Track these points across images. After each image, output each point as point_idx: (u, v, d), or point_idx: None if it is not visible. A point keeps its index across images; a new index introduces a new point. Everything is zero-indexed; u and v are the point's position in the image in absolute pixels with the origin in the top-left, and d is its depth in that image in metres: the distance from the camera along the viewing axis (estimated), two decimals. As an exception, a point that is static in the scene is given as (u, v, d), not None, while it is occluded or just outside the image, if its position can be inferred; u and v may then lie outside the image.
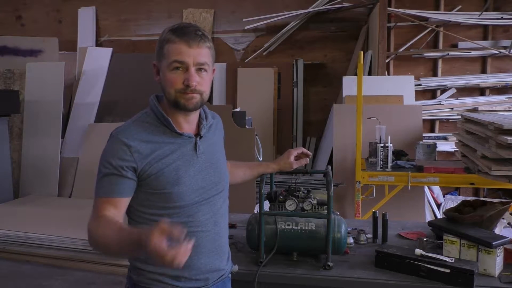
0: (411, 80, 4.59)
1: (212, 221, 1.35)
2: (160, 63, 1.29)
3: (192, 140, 1.33)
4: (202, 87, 1.28)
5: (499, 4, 4.85)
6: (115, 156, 1.23)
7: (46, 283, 3.15)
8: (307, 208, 1.71)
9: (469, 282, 1.47)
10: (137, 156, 1.23)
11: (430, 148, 3.64)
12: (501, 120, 2.72)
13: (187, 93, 1.26)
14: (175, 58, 1.25)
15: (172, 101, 1.28)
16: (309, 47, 5.37)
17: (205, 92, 1.30)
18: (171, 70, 1.26)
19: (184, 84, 1.25)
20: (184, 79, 1.25)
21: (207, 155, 1.36)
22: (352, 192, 3.90)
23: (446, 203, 4.55)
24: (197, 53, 1.25)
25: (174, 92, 1.26)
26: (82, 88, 5.31)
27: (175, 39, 1.25)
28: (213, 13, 5.54)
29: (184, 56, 1.24)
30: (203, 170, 1.34)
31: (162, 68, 1.28)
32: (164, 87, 1.29)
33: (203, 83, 1.28)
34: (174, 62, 1.25)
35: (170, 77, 1.26)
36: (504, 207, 1.81)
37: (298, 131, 5.24)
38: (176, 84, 1.26)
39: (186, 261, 1.25)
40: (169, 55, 1.26)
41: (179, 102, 1.27)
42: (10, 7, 6.13)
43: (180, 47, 1.24)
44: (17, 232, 3.59)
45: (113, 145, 1.25)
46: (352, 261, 1.71)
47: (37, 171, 4.82)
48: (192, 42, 1.25)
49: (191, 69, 1.25)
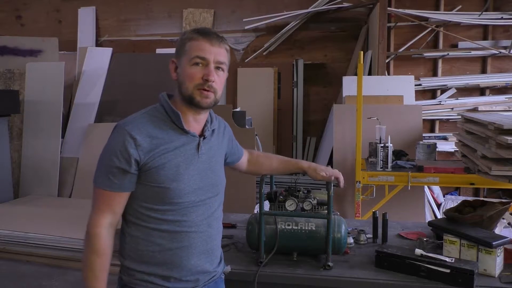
0: (411, 80, 4.59)
1: (205, 223, 1.36)
2: (180, 59, 1.33)
3: (196, 139, 1.35)
4: (217, 86, 1.32)
5: (499, 4, 4.85)
6: (120, 148, 1.25)
7: (46, 283, 3.15)
8: (307, 208, 1.71)
9: (469, 282, 1.47)
10: (141, 149, 1.25)
11: (430, 148, 3.64)
12: (501, 120, 2.72)
13: (204, 89, 1.29)
14: (197, 54, 1.29)
15: (187, 96, 1.30)
16: (309, 47, 5.37)
17: (219, 92, 1.33)
18: (191, 65, 1.29)
19: (203, 79, 1.29)
20: (203, 74, 1.29)
21: (207, 157, 1.38)
22: (352, 192, 3.90)
23: (446, 203, 4.55)
24: (217, 52, 1.31)
25: (192, 86, 1.29)
26: (82, 88, 5.31)
27: (198, 37, 1.31)
28: (213, 13, 5.54)
29: (206, 53, 1.29)
30: (202, 171, 1.35)
31: (182, 64, 1.32)
32: (182, 82, 1.31)
33: (218, 82, 1.32)
34: (195, 58, 1.29)
35: (190, 72, 1.29)
36: (504, 207, 1.81)
37: (298, 131, 5.24)
38: (195, 78, 1.29)
39: (176, 261, 1.30)
40: (191, 51, 1.30)
41: (195, 98, 1.30)
42: (10, 7, 6.13)
43: (203, 44, 1.30)
44: (17, 232, 3.59)
45: (118, 137, 1.26)
46: (352, 261, 1.71)
47: (37, 171, 4.82)
48: (214, 41, 1.31)
49: (211, 65, 1.30)
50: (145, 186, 1.28)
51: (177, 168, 1.29)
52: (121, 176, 1.25)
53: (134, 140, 1.24)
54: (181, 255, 1.32)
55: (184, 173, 1.30)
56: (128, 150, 1.24)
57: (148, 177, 1.27)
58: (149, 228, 1.30)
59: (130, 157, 1.24)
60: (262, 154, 1.80)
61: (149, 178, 1.27)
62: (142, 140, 1.25)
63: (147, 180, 1.28)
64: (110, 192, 1.26)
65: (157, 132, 1.29)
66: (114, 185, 1.26)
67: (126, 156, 1.24)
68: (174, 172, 1.29)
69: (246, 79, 5.20)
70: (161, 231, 1.30)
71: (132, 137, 1.25)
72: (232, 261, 1.70)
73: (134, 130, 1.26)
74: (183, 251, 1.32)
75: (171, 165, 1.28)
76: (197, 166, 1.34)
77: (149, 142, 1.26)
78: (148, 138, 1.27)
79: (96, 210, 1.28)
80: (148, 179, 1.28)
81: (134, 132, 1.25)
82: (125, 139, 1.25)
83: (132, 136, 1.25)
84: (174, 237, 1.31)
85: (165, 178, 1.27)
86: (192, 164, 1.33)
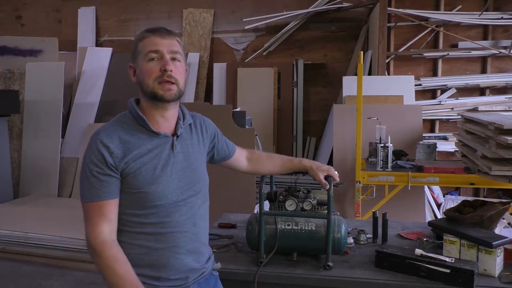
0: (411, 80, 4.59)
1: (190, 222, 1.36)
2: (136, 61, 1.34)
3: (169, 139, 1.34)
4: (177, 76, 1.31)
5: (499, 4, 4.85)
6: (96, 157, 1.25)
7: (46, 283, 3.16)
8: (307, 208, 1.71)
9: (469, 282, 1.46)
10: (115, 156, 1.25)
11: (430, 148, 3.64)
12: (501, 120, 2.72)
13: (164, 81, 1.29)
14: (150, 49, 1.30)
15: (149, 93, 1.30)
16: (309, 47, 5.37)
17: (180, 82, 1.33)
18: (147, 62, 1.30)
19: (160, 70, 1.29)
20: (160, 66, 1.29)
21: (185, 155, 1.37)
22: (352, 192, 3.90)
23: (446, 203, 4.55)
24: (169, 43, 1.32)
25: (152, 82, 1.29)
26: (82, 88, 5.31)
27: (147, 34, 1.33)
28: (213, 13, 5.54)
29: (158, 45, 1.30)
30: (180, 170, 1.35)
31: (139, 64, 1.32)
32: (142, 81, 1.31)
33: (178, 72, 1.31)
34: (149, 53, 1.30)
35: (146, 68, 1.30)
36: (504, 207, 1.81)
37: (298, 131, 5.24)
38: (153, 72, 1.29)
39: (163, 261, 1.30)
40: (144, 49, 1.31)
41: (157, 93, 1.29)
42: (10, 7, 6.13)
43: (153, 39, 1.31)
44: (17, 232, 3.59)
45: (92, 146, 1.27)
46: (352, 261, 1.71)
47: (37, 171, 4.82)
48: (163, 34, 1.33)
49: (165, 56, 1.30)
50: (126, 193, 1.28)
51: (154, 171, 1.29)
52: (106, 183, 1.25)
53: (107, 148, 1.25)
54: (167, 255, 1.32)
55: (161, 175, 1.30)
56: (105, 157, 1.24)
57: (127, 184, 1.27)
58: (134, 233, 1.30)
59: (107, 163, 1.24)
60: (264, 153, 1.78)
61: (127, 185, 1.27)
62: (114, 147, 1.26)
63: (126, 187, 1.28)
64: (100, 202, 1.25)
65: (128, 138, 1.29)
66: (101, 193, 1.25)
67: (104, 162, 1.24)
68: (151, 175, 1.28)
69: (246, 79, 5.20)
70: (146, 234, 1.30)
71: (104, 145, 1.25)
72: (232, 261, 1.70)
73: (105, 138, 1.26)
74: (169, 251, 1.32)
75: (147, 168, 1.28)
76: (174, 166, 1.33)
77: (121, 148, 1.27)
78: (120, 144, 1.27)
79: (91, 224, 1.25)
80: (127, 186, 1.28)
81: (106, 140, 1.26)
82: (99, 148, 1.25)
83: (105, 144, 1.25)
84: (159, 238, 1.31)
85: (143, 183, 1.27)
86: (169, 164, 1.32)
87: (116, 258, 1.23)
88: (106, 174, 1.25)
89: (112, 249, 1.24)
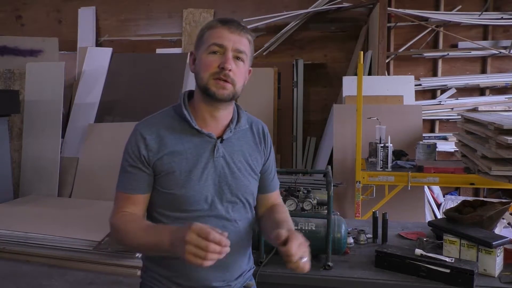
0: (411, 80, 4.59)
1: None
2: (198, 50, 1.24)
3: (212, 141, 1.24)
4: (236, 77, 1.21)
5: (499, 4, 4.85)
6: (132, 148, 1.22)
7: (46, 283, 3.15)
8: (307, 208, 1.71)
9: (469, 282, 1.47)
10: (150, 149, 1.20)
11: (430, 148, 3.64)
12: (501, 120, 2.72)
13: (220, 78, 1.18)
14: (214, 41, 1.20)
15: (202, 87, 1.21)
16: (309, 47, 5.37)
17: (238, 84, 1.22)
18: (208, 54, 1.20)
19: (219, 67, 1.18)
20: (220, 62, 1.18)
21: (227, 161, 1.25)
22: (352, 192, 3.90)
23: (446, 203, 4.55)
24: (237, 39, 1.21)
25: (207, 76, 1.20)
26: (82, 88, 5.31)
27: (217, 25, 1.22)
28: (213, 13, 5.54)
29: (224, 40, 1.19)
30: (217, 177, 1.24)
31: (199, 53, 1.23)
32: (198, 72, 1.22)
33: (237, 73, 1.21)
34: (212, 45, 1.19)
35: (205, 60, 1.20)
36: (504, 207, 1.81)
37: (298, 131, 5.24)
38: (211, 67, 1.19)
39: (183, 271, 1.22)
40: (208, 39, 1.21)
41: (210, 89, 1.19)
42: (10, 7, 6.13)
43: (221, 31, 1.20)
44: (17, 232, 3.59)
45: (131, 137, 1.24)
46: (352, 261, 1.71)
47: (37, 171, 4.82)
48: (233, 28, 1.21)
49: (228, 53, 1.19)
50: (157, 191, 1.23)
51: (188, 174, 1.20)
52: (135, 177, 1.22)
53: (144, 140, 1.21)
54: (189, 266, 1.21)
55: (194, 179, 1.21)
56: (139, 148, 1.21)
57: (158, 182, 1.22)
58: None
59: (140, 156, 1.20)
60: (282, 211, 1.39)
61: (159, 183, 1.22)
62: (151, 140, 1.21)
63: (157, 184, 1.23)
64: (127, 195, 1.23)
65: (167, 133, 1.22)
66: (128, 186, 1.23)
67: (137, 154, 1.21)
68: (184, 177, 1.20)
69: (246, 79, 5.20)
70: None
71: (142, 136, 1.21)
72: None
73: (144, 129, 1.22)
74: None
75: (181, 169, 1.20)
76: (212, 171, 1.23)
77: (158, 142, 1.21)
78: (157, 138, 1.21)
79: (116, 207, 1.25)
80: (158, 184, 1.22)
81: (144, 131, 1.22)
82: (136, 138, 1.22)
83: (142, 136, 1.21)
84: None
85: (174, 184, 1.20)
86: (206, 169, 1.22)
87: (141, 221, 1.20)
88: (137, 168, 1.21)
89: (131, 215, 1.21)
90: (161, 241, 1.10)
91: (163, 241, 1.09)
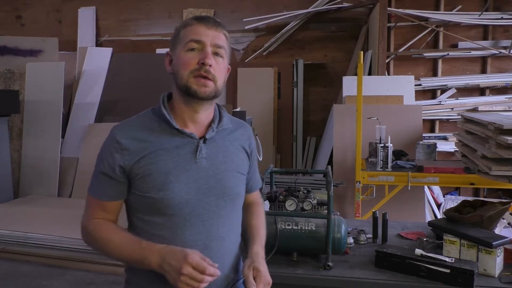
0: (411, 80, 4.59)
1: (201, 244, 1.15)
2: (175, 49, 1.19)
3: (194, 141, 1.18)
4: (217, 73, 1.16)
5: (499, 4, 4.86)
6: (106, 156, 1.16)
7: (46, 283, 3.15)
8: (307, 208, 1.71)
9: (469, 282, 1.46)
10: (126, 154, 1.13)
11: (430, 148, 3.64)
12: (501, 120, 2.72)
13: (201, 75, 1.14)
14: (192, 37, 1.15)
15: (182, 86, 1.15)
16: (309, 47, 5.37)
17: (219, 80, 1.17)
18: (186, 51, 1.16)
19: (199, 63, 1.14)
20: (199, 58, 1.14)
21: (211, 162, 1.19)
22: (352, 192, 3.90)
23: (446, 203, 4.55)
24: (215, 35, 1.17)
25: (187, 74, 1.14)
26: (82, 88, 5.31)
27: (193, 22, 1.18)
28: (213, 13, 5.54)
29: (202, 35, 1.15)
30: (200, 179, 1.17)
31: (177, 52, 1.18)
32: (177, 71, 1.17)
33: (218, 69, 1.16)
34: (190, 42, 1.15)
35: (184, 58, 1.15)
36: (504, 207, 1.81)
37: (298, 131, 5.25)
38: (190, 64, 1.14)
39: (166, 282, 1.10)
40: (185, 37, 1.16)
41: (191, 87, 1.14)
42: (10, 7, 6.14)
43: (198, 28, 1.17)
44: (17, 232, 3.59)
45: (106, 141, 1.18)
46: (352, 261, 1.71)
47: (37, 171, 4.82)
48: (211, 25, 1.17)
49: (207, 48, 1.15)
50: (134, 195, 1.16)
51: (166, 175, 1.13)
52: (106, 183, 1.16)
53: (119, 144, 1.14)
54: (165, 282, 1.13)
55: (175, 181, 1.13)
56: (113, 154, 1.14)
57: (135, 186, 1.15)
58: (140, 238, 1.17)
59: (114, 163, 1.14)
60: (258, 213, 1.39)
61: (136, 187, 1.15)
62: (127, 144, 1.14)
63: (134, 188, 1.16)
64: (99, 201, 1.18)
65: (146, 135, 1.16)
66: (99, 192, 1.18)
67: (111, 161, 1.14)
68: (163, 179, 1.13)
69: (246, 79, 5.21)
70: None
71: (117, 141, 1.14)
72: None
73: (120, 133, 1.16)
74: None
75: (160, 171, 1.13)
76: (194, 173, 1.16)
77: (135, 145, 1.14)
78: (135, 141, 1.14)
79: (88, 212, 1.21)
80: (135, 188, 1.15)
81: (119, 136, 1.15)
82: (111, 144, 1.15)
83: (117, 140, 1.14)
84: None
85: (152, 187, 1.13)
86: (186, 170, 1.15)
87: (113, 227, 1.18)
88: (109, 176, 1.15)
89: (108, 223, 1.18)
90: (146, 259, 1.08)
91: (149, 261, 1.08)
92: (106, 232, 1.17)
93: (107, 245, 1.16)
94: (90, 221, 1.19)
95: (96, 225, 1.18)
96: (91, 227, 1.19)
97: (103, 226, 1.18)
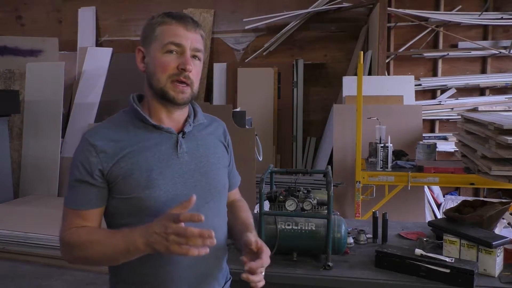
0: (411, 80, 4.59)
1: None
2: (149, 47, 1.15)
3: (173, 136, 1.15)
4: (195, 77, 1.14)
5: (499, 4, 4.85)
6: (80, 159, 1.10)
7: (46, 283, 3.15)
8: (307, 208, 1.71)
9: (469, 282, 1.46)
10: (103, 156, 1.08)
11: (430, 148, 3.64)
12: (501, 120, 2.72)
13: (179, 80, 1.11)
14: (171, 40, 1.11)
15: (159, 89, 1.12)
16: (309, 47, 5.37)
17: (195, 84, 1.15)
18: (164, 53, 1.12)
19: (178, 68, 1.11)
20: (179, 63, 1.11)
21: (192, 157, 1.17)
22: (352, 192, 3.90)
23: (446, 203, 4.55)
24: (194, 38, 1.14)
25: (165, 78, 1.11)
26: (82, 88, 5.31)
27: (171, 21, 1.14)
28: (213, 13, 5.54)
29: (182, 38, 1.12)
30: (185, 174, 1.14)
31: (152, 52, 1.13)
32: (153, 73, 1.13)
33: (195, 73, 1.15)
34: (169, 44, 1.11)
35: (162, 61, 1.11)
36: (504, 207, 1.81)
37: (298, 131, 5.25)
38: (169, 68, 1.11)
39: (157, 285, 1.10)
40: (163, 37, 1.12)
41: (168, 93, 1.11)
42: (10, 7, 6.14)
43: (177, 29, 1.13)
44: (17, 232, 3.59)
45: (79, 147, 1.12)
46: (352, 261, 1.71)
47: (37, 171, 4.83)
48: (189, 26, 1.14)
49: (187, 53, 1.12)
50: (117, 200, 1.10)
51: (150, 173, 1.09)
52: (85, 191, 1.09)
53: (94, 147, 1.08)
54: (158, 282, 1.12)
55: (159, 178, 1.09)
56: (89, 159, 1.08)
57: (117, 189, 1.09)
58: None
59: (91, 167, 1.08)
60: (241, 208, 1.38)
61: (118, 190, 1.09)
62: (103, 146, 1.09)
63: (116, 192, 1.10)
64: (77, 211, 1.11)
65: (122, 135, 1.11)
66: (76, 202, 1.10)
67: (88, 166, 1.08)
68: (146, 177, 1.08)
69: (246, 79, 5.20)
70: None
71: (91, 144, 1.08)
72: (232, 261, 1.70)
73: (93, 136, 1.10)
74: (158, 278, 1.11)
75: (142, 170, 1.09)
76: (177, 168, 1.13)
77: (112, 146, 1.09)
78: (111, 142, 1.10)
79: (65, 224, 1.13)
80: (118, 191, 1.09)
81: (94, 139, 1.09)
82: (85, 148, 1.09)
83: (92, 143, 1.09)
84: (145, 262, 1.08)
85: (136, 186, 1.08)
86: (169, 166, 1.12)
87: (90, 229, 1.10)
88: (86, 182, 1.09)
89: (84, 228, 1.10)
90: (131, 244, 1.00)
91: (135, 243, 1.00)
92: (84, 236, 1.09)
93: (89, 247, 1.07)
94: (66, 231, 1.12)
95: (73, 233, 1.10)
96: (67, 237, 1.10)
97: (79, 231, 1.10)
